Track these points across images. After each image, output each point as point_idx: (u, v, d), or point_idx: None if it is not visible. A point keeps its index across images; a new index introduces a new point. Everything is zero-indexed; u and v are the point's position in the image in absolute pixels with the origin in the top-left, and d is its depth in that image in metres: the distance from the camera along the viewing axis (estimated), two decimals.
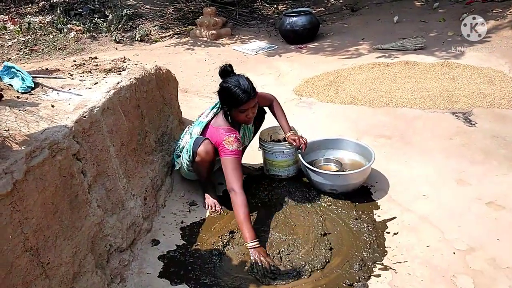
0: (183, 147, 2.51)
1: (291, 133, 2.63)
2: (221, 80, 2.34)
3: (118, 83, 2.31)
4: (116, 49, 6.33)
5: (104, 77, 2.42)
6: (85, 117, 1.91)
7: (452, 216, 2.34)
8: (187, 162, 2.47)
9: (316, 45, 5.92)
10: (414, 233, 2.24)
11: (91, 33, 6.81)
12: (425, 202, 2.48)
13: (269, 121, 2.88)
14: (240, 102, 2.26)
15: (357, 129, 3.48)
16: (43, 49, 6.28)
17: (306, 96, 4.19)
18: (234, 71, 2.38)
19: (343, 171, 2.64)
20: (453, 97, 3.82)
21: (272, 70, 5.10)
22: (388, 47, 5.37)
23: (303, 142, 2.60)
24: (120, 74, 2.48)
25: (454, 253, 2.07)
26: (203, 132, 2.44)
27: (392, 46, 5.36)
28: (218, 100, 2.43)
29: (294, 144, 2.59)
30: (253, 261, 2.03)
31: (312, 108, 3.94)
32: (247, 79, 2.32)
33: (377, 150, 2.80)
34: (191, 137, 2.46)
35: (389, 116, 3.66)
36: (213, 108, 2.52)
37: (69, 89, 2.21)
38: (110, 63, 2.72)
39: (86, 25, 7.03)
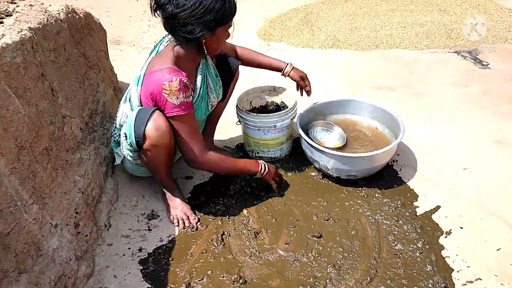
0: (121, 126, 1.63)
1: (290, 66, 1.92)
2: None
3: None
4: None
5: None
6: None
7: (510, 196, 1.75)
8: (130, 153, 1.61)
9: None
10: (472, 228, 1.62)
11: None
12: (470, 178, 1.86)
13: (242, 83, 2.05)
14: (230, 11, 1.45)
15: (348, 80, 2.75)
16: None
17: (276, 40, 3.33)
18: None
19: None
20: (452, 33, 3.18)
21: None
22: None
23: (308, 84, 1.95)
24: (2, 23, 1.45)
25: None
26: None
27: None
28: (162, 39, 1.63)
29: (302, 83, 1.92)
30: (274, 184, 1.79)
31: (286, 55, 3.11)
32: None
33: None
34: (131, 108, 1.58)
35: (383, 60, 2.96)
36: (151, 52, 1.63)
37: None
38: None
39: None
